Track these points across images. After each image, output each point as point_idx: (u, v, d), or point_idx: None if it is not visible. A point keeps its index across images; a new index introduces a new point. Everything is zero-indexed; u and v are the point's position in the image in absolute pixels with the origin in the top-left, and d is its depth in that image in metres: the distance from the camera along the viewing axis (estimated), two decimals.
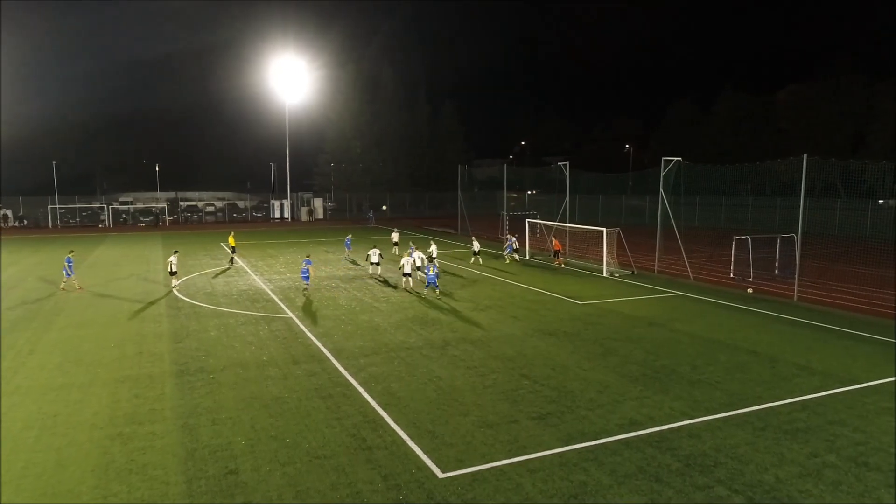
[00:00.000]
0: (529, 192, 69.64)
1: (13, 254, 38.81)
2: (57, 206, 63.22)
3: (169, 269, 26.24)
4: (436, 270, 24.85)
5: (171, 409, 12.63)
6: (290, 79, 68.84)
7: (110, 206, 65.64)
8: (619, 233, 31.29)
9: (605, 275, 30.00)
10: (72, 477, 9.78)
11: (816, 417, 12.31)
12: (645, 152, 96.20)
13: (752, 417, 12.28)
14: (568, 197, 37.46)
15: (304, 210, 74.85)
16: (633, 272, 30.54)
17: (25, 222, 61.66)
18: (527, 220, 38.19)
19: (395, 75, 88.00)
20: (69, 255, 26.48)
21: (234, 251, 34.46)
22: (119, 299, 23.90)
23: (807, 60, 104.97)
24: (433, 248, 32.67)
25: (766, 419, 12.19)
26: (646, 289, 26.70)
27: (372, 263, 29.14)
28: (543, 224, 38.10)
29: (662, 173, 29.90)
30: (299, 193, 77.78)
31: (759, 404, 12.95)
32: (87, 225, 62.85)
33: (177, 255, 27.00)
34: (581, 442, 11.09)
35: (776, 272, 28.93)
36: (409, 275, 25.82)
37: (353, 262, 34.02)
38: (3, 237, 51.14)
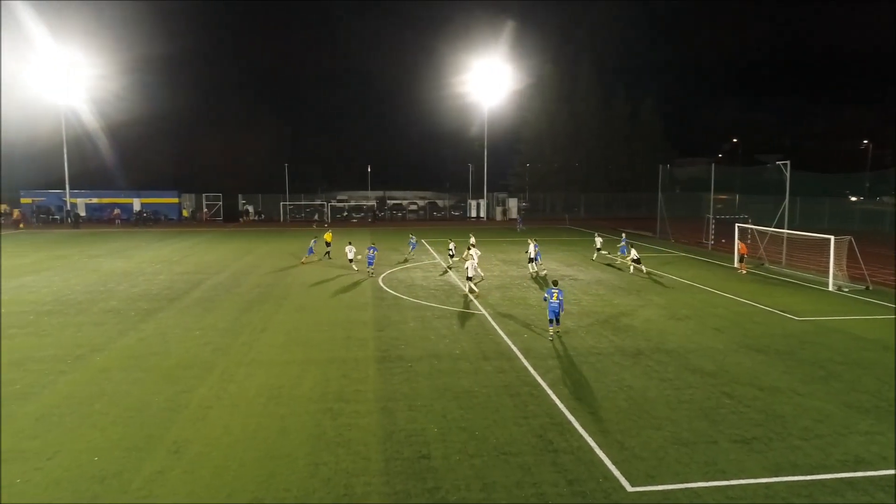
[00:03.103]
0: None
1: (250, 243, 45.05)
2: (287, 202, 72.22)
3: (348, 257, 30.51)
4: (561, 297, 17.92)
5: (373, 391, 13.77)
6: (489, 80, 70.57)
7: (329, 204, 73.14)
8: (850, 241, 27.37)
9: (830, 288, 26.46)
10: (291, 442, 11.13)
11: None
12: (885, 149, 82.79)
13: None
14: (787, 199, 33.69)
15: (498, 210, 76.54)
16: (867, 287, 26.53)
17: (262, 216, 71.22)
18: (736, 224, 35.03)
19: (593, 73, 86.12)
20: (314, 239, 35.21)
21: (328, 246, 35.59)
22: (333, 287, 26.57)
23: None
24: (473, 251, 28.54)
25: None
26: (883, 307, 23.06)
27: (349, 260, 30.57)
28: (755, 229, 34.68)
29: None
30: (494, 193, 79.67)
31: None
32: (311, 220, 70.74)
33: (351, 244, 31.46)
34: (792, 474, 9.95)
35: None
36: (471, 278, 25.16)
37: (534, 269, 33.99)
38: (243, 229, 59.63)
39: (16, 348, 17.03)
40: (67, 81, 60.30)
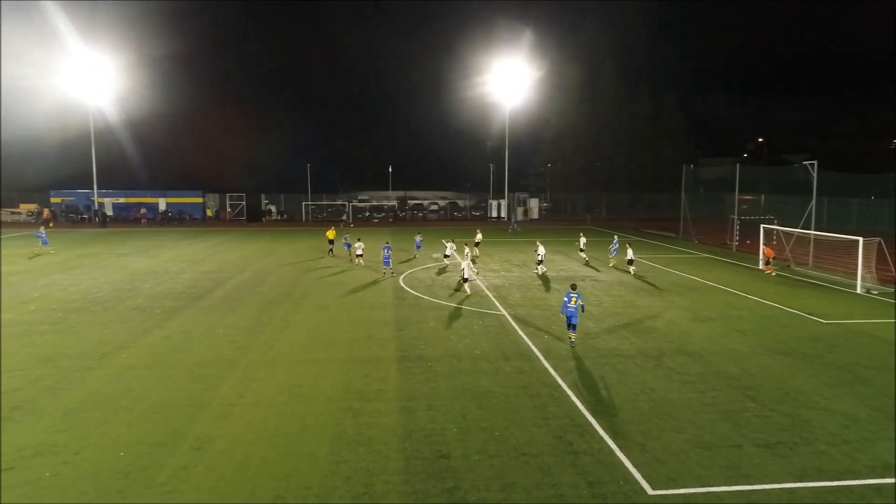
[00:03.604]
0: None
1: (272, 243, 45.46)
2: (309, 202, 72.78)
3: (357, 252, 32.17)
4: (580, 302, 17.06)
5: (394, 391, 13.82)
6: (511, 81, 70.20)
7: (350, 204, 73.54)
8: (880, 242, 26.80)
9: (858, 291, 25.93)
10: (312, 441, 11.23)
11: None
12: None
13: None
14: (814, 200, 33.09)
15: (519, 210, 76.27)
16: None
17: (284, 216, 71.86)
18: (762, 225, 34.48)
19: (616, 72, 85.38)
20: (346, 237, 35.76)
21: (331, 243, 37.09)
22: (353, 286, 26.71)
23: None
24: (469, 252, 29.16)
25: None
26: None
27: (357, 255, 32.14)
28: (781, 230, 34.12)
29: None
30: (516, 193, 79.40)
31: None
32: (333, 220, 71.22)
33: (360, 241, 32.72)
34: (818, 480, 9.78)
35: None
36: (467, 280, 25.17)
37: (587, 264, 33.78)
38: (266, 229, 60.20)
39: (45, 345, 17.43)
40: (94, 81, 61.34)
